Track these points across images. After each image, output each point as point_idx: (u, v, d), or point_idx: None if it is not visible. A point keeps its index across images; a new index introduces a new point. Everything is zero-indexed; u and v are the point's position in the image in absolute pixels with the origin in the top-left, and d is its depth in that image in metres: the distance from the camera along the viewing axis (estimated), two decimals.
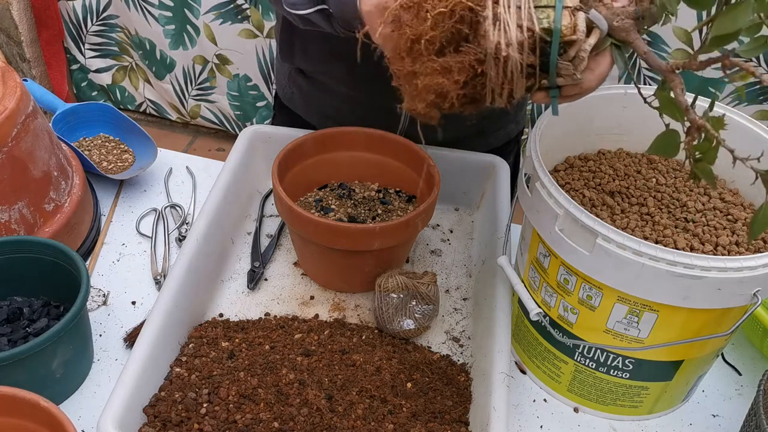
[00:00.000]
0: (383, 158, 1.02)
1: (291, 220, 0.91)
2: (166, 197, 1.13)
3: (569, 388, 0.85)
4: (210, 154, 2.52)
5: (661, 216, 0.80)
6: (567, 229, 0.72)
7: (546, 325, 0.80)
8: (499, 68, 0.58)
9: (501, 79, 0.59)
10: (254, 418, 0.75)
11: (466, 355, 0.89)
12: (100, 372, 0.87)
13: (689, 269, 0.66)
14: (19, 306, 0.87)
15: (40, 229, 0.94)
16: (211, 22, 2.25)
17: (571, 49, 0.58)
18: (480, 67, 0.59)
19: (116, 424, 0.69)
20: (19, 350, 0.73)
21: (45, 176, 0.94)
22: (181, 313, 0.84)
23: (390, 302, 0.87)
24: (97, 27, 2.41)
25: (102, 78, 2.54)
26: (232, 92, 2.41)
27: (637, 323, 0.74)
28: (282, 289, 0.97)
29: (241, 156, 1.04)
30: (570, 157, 0.90)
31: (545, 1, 0.58)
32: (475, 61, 0.59)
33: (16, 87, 0.90)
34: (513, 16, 0.56)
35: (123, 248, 1.04)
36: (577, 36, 0.58)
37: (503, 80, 0.59)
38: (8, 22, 2.25)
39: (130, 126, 1.21)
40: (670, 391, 0.83)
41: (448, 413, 0.79)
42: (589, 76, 0.61)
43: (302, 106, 1.15)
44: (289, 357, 0.83)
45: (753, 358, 0.95)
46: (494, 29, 0.57)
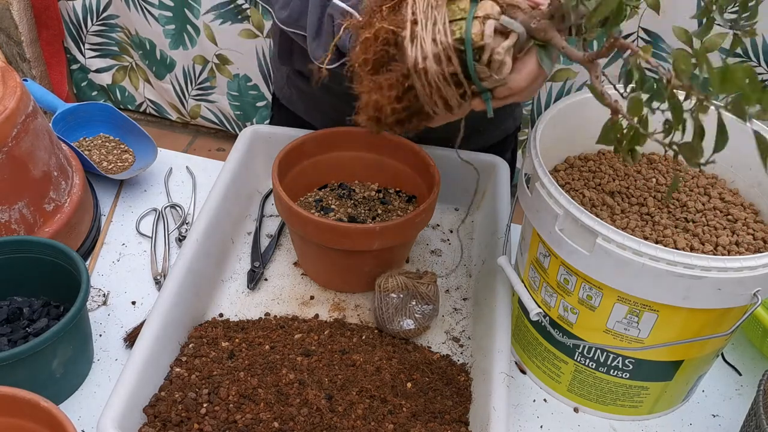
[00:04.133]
0: (383, 158, 1.02)
1: (291, 220, 0.91)
2: (166, 197, 1.13)
3: (569, 388, 0.85)
4: (210, 154, 2.52)
5: (661, 216, 0.80)
6: (567, 229, 0.72)
7: (546, 325, 0.80)
8: (422, 80, 0.63)
9: (428, 90, 0.64)
10: (254, 418, 0.75)
11: (466, 355, 0.89)
12: (100, 372, 0.87)
13: (689, 269, 0.66)
14: (19, 306, 0.87)
15: (40, 229, 0.94)
16: (211, 22, 2.25)
17: (484, 54, 0.63)
18: (407, 82, 0.65)
19: (116, 424, 0.69)
20: (19, 350, 0.73)
21: (45, 176, 0.94)
22: (181, 313, 0.84)
23: (390, 302, 0.87)
24: (97, 27, 2.41)
25: (102, 78, 2.54)
26: (232, 92, 2.41)
27: (637, 323, 0.74)
28: (282, 289, 0.97)
29: (241, 156, 1.04)
30: (570, 157, 0.90)
31: (459, 15, 0.63)
32: (401, 76, 0.65)
33: (16, 87, 0.90)
34: (429, 32, 0.62)
35: (123, 248, 1.04)
36: (485, 41, 0.62)
37: (430, 91, 0.64)
38: (8, 22, 2.25)
39: (130, 126, 1.21)
40: (670, 391, 0.83)
41: (448, 413, 0.79)
42: (516, 77, 0.65)
43: (301, 107, 1.15)
44: (289, 357, 0.83)
45: (753, 358, 0.95)
46: (412, 46, 0.62)
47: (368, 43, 0.66)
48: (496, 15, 0.63)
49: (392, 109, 0.67)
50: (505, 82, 0.65)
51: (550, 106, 0.82)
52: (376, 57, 0.66)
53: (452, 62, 0.62)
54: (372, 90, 0.67)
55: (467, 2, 0.63)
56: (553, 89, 2.04)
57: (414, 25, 0.63)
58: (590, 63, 0.61)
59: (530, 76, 0.66)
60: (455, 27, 0.62)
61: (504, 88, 0.66)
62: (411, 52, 0.62)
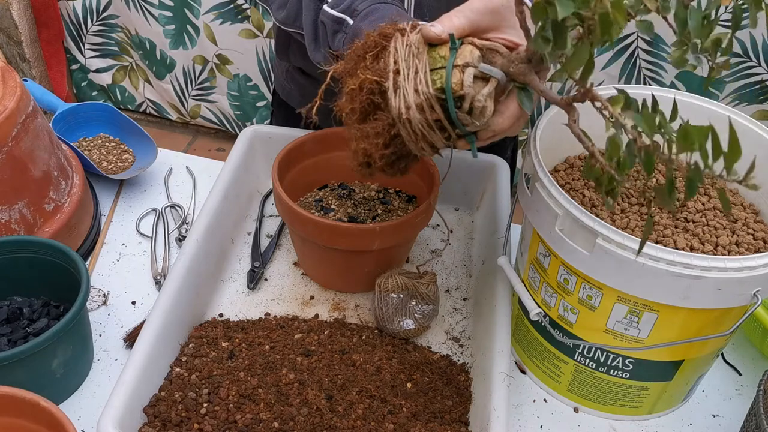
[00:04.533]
0: None
1: (291, 220, 0.91)
2: (166, 197, 1.13)
3: (569, 388, 0.85)
4: (210, 154, 2.52)
5: (661, 216, 0.80)
6: (567, 229, 0.72)
7: (546, 325, 0.80)
8: (407, 128, 0.65)
9: (414, 137, 0.66)
10: (254, 418, 0.75)
11: (466, 355, 0.89)
12: (100, 372, 0.87)
13: (689, 269, 0.66)
14: (19, 306, 0.87)
15: (40, 229, 0.94)
16: (211, 22, 2.25)
17: (465, 102, 0.64)
18: (393, 130, 0.67)
19: (116, 424, 0.69)
20: (19, 350, 0.73)
21: (45, 176, 0.94)
22: (181, 313, 0.85)
23: (390, 302, 0.87)
24: (97, 27, 2.41)
25: (102, 78, 2.54)
26: (232, 92, 2.41)
27: (637, 323, 0.74)
28: (282, 289, 0.97)
29: (241, 156, 1.04)
30: (570, 157, 0.90)
31: (440, 63, 0.64)
32: (387, 125, 0.67)
33: (16, 87, 0.90)
34: (411, 82, 0.64)
35: (123, 248, 1.04)
36: (465, 90, 0.63)
37: (416, 137, 0.66)
38: (8, 22, 2.25)
39: (130, 126, 1.21)
40: (670, 391, 0.83)
41: (448, 413, 0.79)
42: (498, 119, 0.67)
43: (300, 103, 1.15)
44: (289, 357, 0.83)
45: (753, 358, 0.95)
46: (395, 96, 0.64)
47: (354, 93, 0.67)
48: (475, 62, 0.64)
49: (381, 155, 0.69)
50: (487, 126, 0.66)
51: (550, 106, 0.82)
52: (362, 106, 0.67)
53: (435, 110, 0.64)
54: (360, 138, 0.69)
55: (447, 50, 0.64)
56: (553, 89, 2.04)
57: (396, 75, 0.64)
58: (568, 106, 0.62)
59: (512, 118, 0.67)
60: (436, 76, 0.64)
61: (487, 131, 0.67)
62: (395, 103, 0.64)
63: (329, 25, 0.82)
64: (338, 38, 0.82)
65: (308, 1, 0.85)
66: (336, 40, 0.82)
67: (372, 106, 0.67)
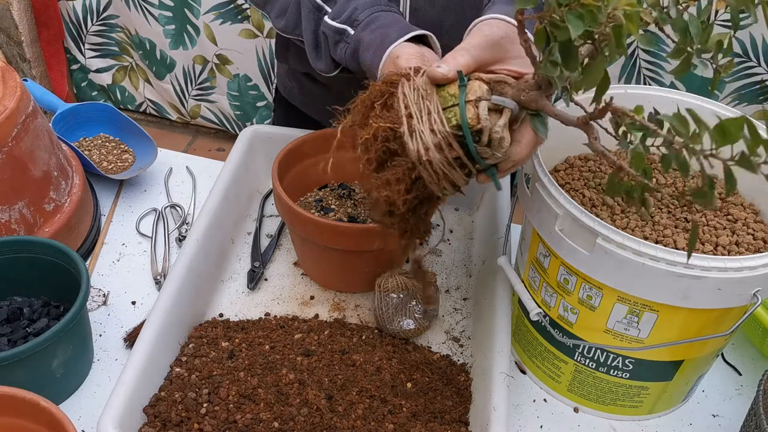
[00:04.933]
0: None
1: (291, 220, 0.91)
2: (166, 197, 1.13)
3: (569, 388, 0.85)
4: (210, 154, 2.52)
5: (661, 216, 0.80)
6: (567, 229, 0.72)
7: (546, 325, 0.80)
8: (428, 170, 0.64)
9: (435, 178, 0.65)
10: (254, 418, 0.75)
11: (466, 355, 0.89)
12: (100, 372, 0.87)
13: (689, 269, 0.66)
14: (19, 306, 0.87)
15: (40, 229, 0.94)
16: (211, 22, 2.25)
17: (483, 135, 0.64)
18: (413, 173, 0.66)
19: (116, 424, 0.69)
20: (19, 350, 0.73)
21: (45, 176, 0.94)
22: (181, 313, 0.85)
23: (390, 302, 0.87)
24: (97, 27, 2.41)
25: (102, 78, 2.54)
26: (232, 92, 2.41)
27: (637, 323, 0.74)
28: (282, 289, 0.97)
29: (241, 156, 1.04)
30: (570, 157, 0.90)
31: (451, 101, 0.64)
32: (407, 169, 0.66)
33: (16, 87, 0.90)
34: (426, 123, 0.64)
35: (123, 248, 1.04)
36: (482, 124, 0.63)
37: (437, 178, 0.65)
38: (8, 22, 2.25)
39: (130, 126, 1.21)
40: (670, 391, 0.83)
41: (448, 413, 0.79)
42: (516, 149, 0.66)
43: (302, 101, 1.15)
44: (289, 357, 0.83)
45: (753, 358, 0.95)
46: (412, 140, 0.64)
47: (368, 143, 0.67)
48: (486, 95, 0.64)
49: (404, 200, 0.68)
50: (507, 156, 0.66)
51: None
52: (377, 155, 0.67)
53: (453, 148, 0.64)
54: (381, 186, 0.68)
55: (455, 88, 0.65)
56: None
57: (410, 119, 0.64)
58: (585, 126, 0.62)
59: (529, 145, 0.67)
60: (449, 114, 0.64)
61: (507, 161, 0.67)
62: (412, 146, 0.63)
63: (330, 36, 0.83)
64: (340, 48, 0.83)
65: (308, 11, 0.86)
66: (338, 50, 0.83)
67: (388, 153, 0.67)
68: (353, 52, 0.81)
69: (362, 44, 0.80)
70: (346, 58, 0.83)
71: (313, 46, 0.87)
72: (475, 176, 0.68)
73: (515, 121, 0.67)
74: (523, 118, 0.67)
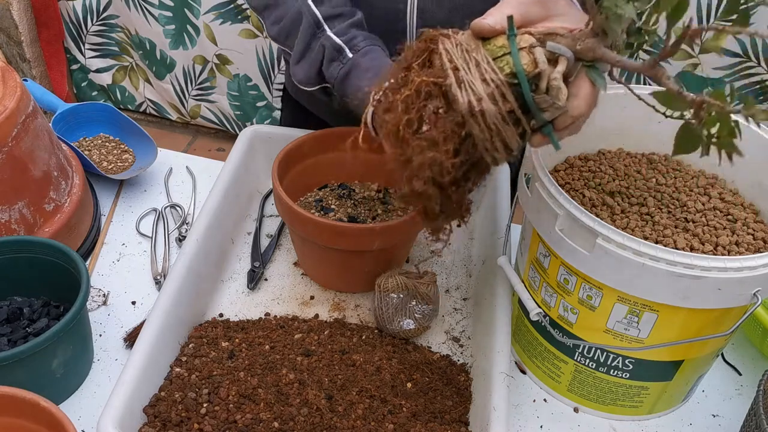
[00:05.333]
0: (383, 158, 1.02)
1: (291, 220, 0.91)
2: (166, 197, 1.13)
3: (569, 388, 0.85)
4: (210, 154, 2.52)
5: (661, 216, 0.80)
6: (567, 229, 0.72)
7: (546, 325, 0.80)
8: (480, 124, 0.59)
9: (487, 134, 0.60)
10: (254, 418, 0.75)
11: (466, 355, 0.89)
12: (100, 372, 0.87)
13: (689, 269, 0.66)
14: (19, 306, 0.87)
15: (40, 229, 0.94)
16: (211, 22, 2.25)
17: (541, 81, 0.60)
18: (462, 130, 0.60)
19: (116, 424, 0.69)
20: (19, 350, 0.73)
21: (45, 176, 0.94)
22: (181, 313, 0.85)
23: (390, 302, 0.87)
24: (97, 27, 2.41)
25: (102, 78, 2.54)
26: (232, 92, 2.41)
27: (637, 323, 0.74)
28: (282, 289, 0.97)
29: (241, 156, 1.04)
30: (570, 157, 0.90)
31: (501, 51, 0.60)
32: (455, 125, 0.60)
33: (16, 87, 0.90)
34: (476, 74, 0.59)
35: (123, 248, 1.04)
36: (540, 68, 0.59)
37: (490, 134, 0.60)
38: (8, 22, 2.25)
39: (130, 126, 1.21)
40: (670, 391, 0.83)
41: (448, 413, 0.79)
42: (574, 102, 0.62)
43: (309, 100, 1.15)
44: (289, 357, 0.83)
45: (753, 358, 0.95)
46: (461, 91, 0.59)
47: (409, 100, 0.62)
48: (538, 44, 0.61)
49: (452, 164, 0.62)
50: (566, 110, 0.62)
51: None
52: (419, 115, 0.62)
53: (507, 99, 0.59)
54: (426, 148, 0.62)
55: (503, 39, 0.61)
56: None
57: (456, 71, 0.60)
58: (653, 69, 0.58)
59: (588, 99, 0.63)
60: (501, 63, 0.60)
61: (565, 117, 0.63)
62: (462, 98, 0.59)
63: (329, 51, 0.84)
64: (334, 66, 0.85)
65: (307, 25, 0.87)
66: (331, 67, 0.85)
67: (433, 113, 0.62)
68: (346, 74, 0.84)
69: (359, 68, 0.82)
70: (336, 78, 0.84)
71: (298, 58, 0.89)
72: (529, 137, 0.63)
73: (569, 75, 0.62)
74: (578, 71, 0.62)
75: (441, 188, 0.64)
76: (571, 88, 0.62)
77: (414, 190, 0.64)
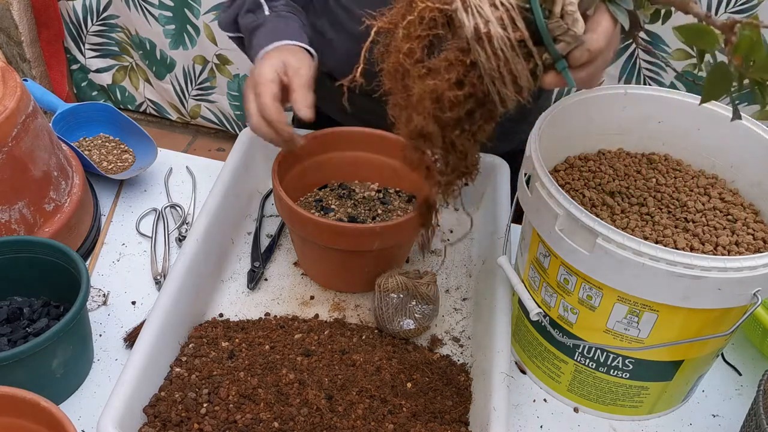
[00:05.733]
0: (383, 158, 1.02)
1: (291, 220, 0.91)
2: (166, 197, 1.13)
3: (569, 388, 0.85)
4: (210, 154, 2.52)
5: (661, 216, 0.80)
6: (567, 229, 0.72)
7: (546, 325, 0.80)
8: (486, 50, 0.55)
9: (494, 63, 0.55)
10: (254, 418, 0.75)
11: (466, 355, 0.89)
12: (100, 372, 0.87)
13: (689, 269, 0.66)
14: (19, 306, 0.87)
15: (40, 229, 0.94)
16: (211, 22, 2.25)
17: (555, 6, 0.55)
18: (467, 58, 0.56)
19: (116, 424, 0.69)
20: (19, 350, 0.73)
21: (45, 176, 0.94)
22: (181, 313, 0.84)
23: (390, 302, 0.87)
24: (97, 27, 2.41)
25: (102, 78, 2.54)
26: (232, 92, 2.41)
27: (637, 323, 0.74)
28: (282, 289, 0.97)
29: (241, 156, 1.04)
30: (570, 157, 0.90)
31: None
32: (459, 52, 0.56)
33: (16, 87, 0.90)
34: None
35: (123, 248, 1.04)
36: None
37: (497, 63, 0.55)
38: (8, 22, 2.25)
39: (130, 126, 1.21)
40: (670, 391, 0.83)
41: (448, 413, 0.79)
42: (592, 36, 0.58)
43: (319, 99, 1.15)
44: (289, 357, 0.83)
45: (753, 358, 0.95)
46: (467, 15, 0.55)
47: (411, 27, 0.57)
48: None
49: (454, 97, 0.57)
50: (582, 42, 0.56)
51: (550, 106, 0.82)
52: (422, 44, 0.58)
53: (518, 26, 0.54)
54: (425, 75, 0.57)
55: None
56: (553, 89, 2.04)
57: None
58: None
59: (607, 33, 0.58)
60: None
61: (582, 50, 0.57)
62: (469, 21, 0.54)
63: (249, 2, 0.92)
64: (249, 17, 0.92)
65: None
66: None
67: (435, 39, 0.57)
68: (255, 28, 0.91)
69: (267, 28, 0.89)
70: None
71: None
72: (542, 76, 0.58)
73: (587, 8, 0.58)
74: (597, 5, 0.58)
75: (443, 128, 0.60)
76: (590, 23, 0.58)
77: (414, 128, 0.60)
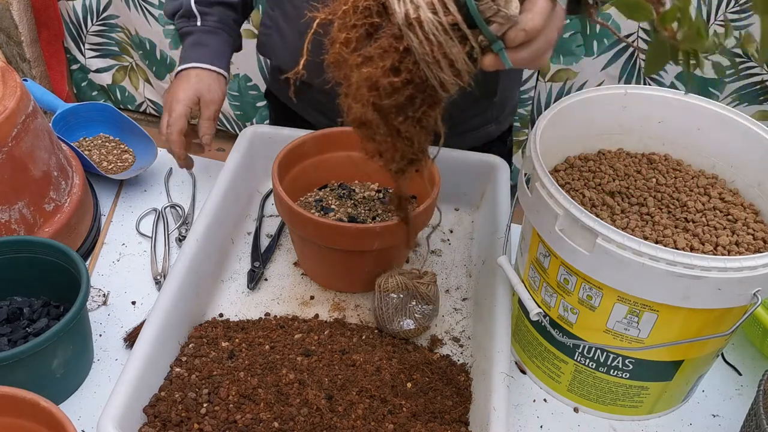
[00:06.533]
0: None
1: (291, 220, 0.91)
2: (166, 197, 1.13)
3: (569, 388, 0.85)
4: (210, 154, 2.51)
5: (661, 216, 0.80)
6: (567, 229, 0.72)
7: (546, 325, 0.80)
8: (418, 35, 0.54)
9: (428, 47, 0.55)
10: (254, 418, 0.75)
11: (466, 355, 0.89)
12: (100, 372, 0.87)
13: (689, 269, 0.66)
14: (19, 306, 0.87)
15: (40, 229, 0.94)
16: None
17: None
18: (400, 44, 0.56)
19: (116, 424, 0.69)
20: (19, 350, 0.73)
21: (45, 176, 0.94)
22: (181, 313, 0.84)
23: (390, 302, 0.87)
24: (97, 27, 2.41)
25: (102, 78, 2.54)
26: (232, 92, 2.41)
27: (637, 323, 0.74)
28: (282, 289, 0.97)
29: (241, 156, 1.04)
30: (570, 157, 0.90)
31: None
32: (393, 39, 0.56)
33: (16, 87, 0.90)
34: None
35: (123, 248, 1.04)
36: None
37: (431, 48, 0.55)
38: (8, 22, 2.25)
39: (130, 126, 1.21)
40: (670, 391, 0.83)
41: (448, 413, 0.79)
42: (527, 15, 0.57)
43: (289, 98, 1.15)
44: (289, 357, 0.83)
45: (753, 358, 0.95)
46: (399, 2, 0.54)
47: (347, 16, 0.57)
48: None
49: (390, 84, 0.56)
50: (515, 21, 0.56)
51: (550, 106, 0.82)
52: (357, 33, 0.57)
53: (449, 10, 0.54)
54: (361, 64, 0.57)
55: None
56: (553, 89, 2.05)
57: None
58: None
59: (543, 12, 0.57)
60: None
61: (516, 31, 0.56)
62: (399, 8, 0.54)
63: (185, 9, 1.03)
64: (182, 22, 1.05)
65: None
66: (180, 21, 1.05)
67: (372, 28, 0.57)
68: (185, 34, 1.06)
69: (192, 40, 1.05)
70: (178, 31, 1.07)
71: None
72: (479, 55, 0.57)
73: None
74: None
75: (385, 115, 0.59)
76: (526, 3, 0.57)
77: (355, 116, 0.60)
